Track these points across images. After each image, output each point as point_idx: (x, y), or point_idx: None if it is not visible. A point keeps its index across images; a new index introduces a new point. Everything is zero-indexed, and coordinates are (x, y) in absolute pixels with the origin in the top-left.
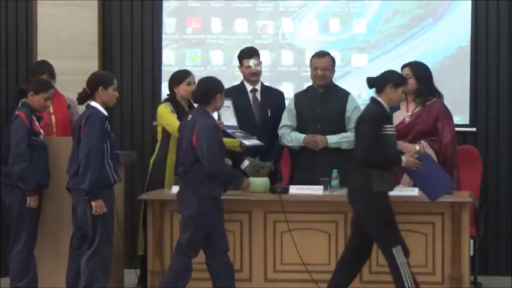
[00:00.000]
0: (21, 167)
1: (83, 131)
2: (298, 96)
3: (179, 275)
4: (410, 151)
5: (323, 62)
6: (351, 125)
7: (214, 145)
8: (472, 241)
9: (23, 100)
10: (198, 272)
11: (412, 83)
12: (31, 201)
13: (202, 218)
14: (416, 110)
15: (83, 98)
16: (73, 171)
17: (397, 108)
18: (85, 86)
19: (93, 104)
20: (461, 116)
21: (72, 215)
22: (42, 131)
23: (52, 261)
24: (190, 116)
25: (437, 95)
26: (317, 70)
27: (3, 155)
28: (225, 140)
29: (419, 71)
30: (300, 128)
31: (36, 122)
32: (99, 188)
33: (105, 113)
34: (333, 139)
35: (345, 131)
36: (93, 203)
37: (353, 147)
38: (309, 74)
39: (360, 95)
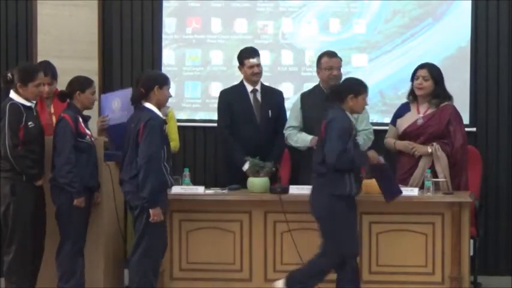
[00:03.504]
0: (66, 170)
1: (142, 136)
2: (305, 96)
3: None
4: (423, 153)
5: (337, 61)
6: (362, 126)
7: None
8: (472, 241)
9: (68, 101)
10: (198, 272)
11: (429, 84)
12: (77, 203)
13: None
14: (428, 111)
15: (137, 98)
16: (131, 175)
17: (408, 109)
18: (138, 86)
19: (149, 106)
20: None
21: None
22: (89, 132)
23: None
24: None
25: (449, 97)
26: (332, 70)
27: (51, 158)
28: None
29: (436, 72)
30: (306, 129)
31: (82, 123)
32: (158, 196)
33: (161, 115)
34: None
35: None
36: (151, 211)
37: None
38: (309, 74)
39: None
